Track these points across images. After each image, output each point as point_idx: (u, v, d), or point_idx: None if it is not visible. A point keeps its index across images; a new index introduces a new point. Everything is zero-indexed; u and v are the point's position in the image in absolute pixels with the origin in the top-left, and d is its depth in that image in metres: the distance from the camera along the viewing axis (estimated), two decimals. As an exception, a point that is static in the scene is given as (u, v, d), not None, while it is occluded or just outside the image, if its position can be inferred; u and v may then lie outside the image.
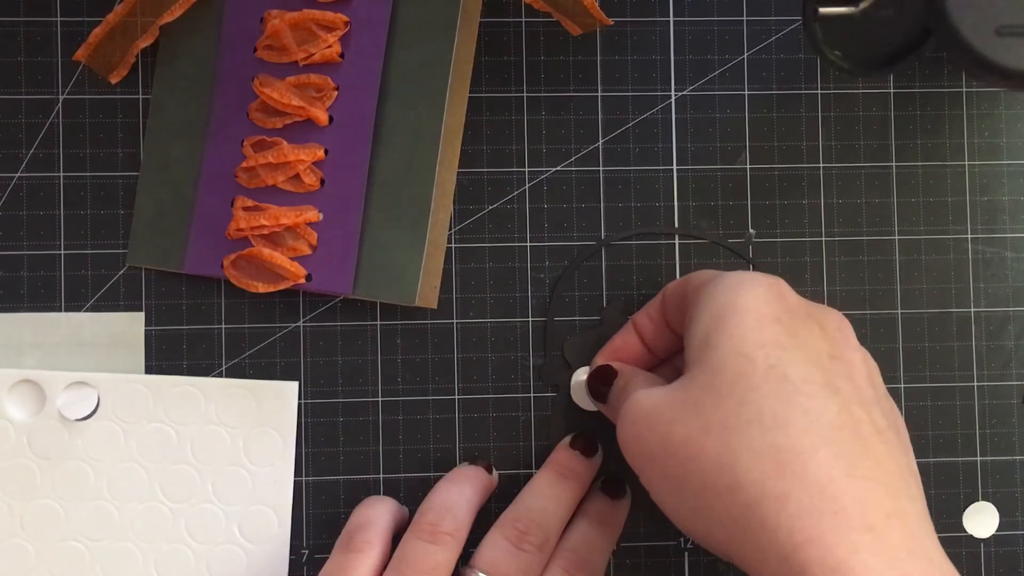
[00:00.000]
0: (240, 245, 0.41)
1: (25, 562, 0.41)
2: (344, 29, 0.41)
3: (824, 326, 0.36)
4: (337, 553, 0.38)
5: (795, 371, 0.33)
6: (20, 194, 0.42)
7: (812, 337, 0.35)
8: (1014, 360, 0.44)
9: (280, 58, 0.41)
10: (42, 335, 0.42)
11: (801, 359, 0.34)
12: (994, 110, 0.44)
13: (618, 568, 0.43)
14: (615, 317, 0.43)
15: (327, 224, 0.41)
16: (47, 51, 0.42)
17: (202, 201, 0.42)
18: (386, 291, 0.41)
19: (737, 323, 0.34)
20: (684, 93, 0.43)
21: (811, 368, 0.34)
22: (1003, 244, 0.44)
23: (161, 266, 0.42)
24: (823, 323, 0.36)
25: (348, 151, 0.41)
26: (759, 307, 0.35)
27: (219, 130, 0.42)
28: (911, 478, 0.34)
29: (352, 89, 0.41)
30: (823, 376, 0.34)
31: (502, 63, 0.43)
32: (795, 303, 0.36)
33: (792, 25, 0.43)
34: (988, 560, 0.43)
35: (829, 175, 0.44)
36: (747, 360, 0.34)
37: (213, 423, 0.41)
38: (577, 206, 0.43)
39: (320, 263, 0.41)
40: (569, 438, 0.42)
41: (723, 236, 0.43)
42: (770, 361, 0.34)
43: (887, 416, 0.35)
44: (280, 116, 0.41)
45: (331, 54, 0.41)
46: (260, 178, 0.41)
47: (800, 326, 0.35)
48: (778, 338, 0.34)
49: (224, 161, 0.42)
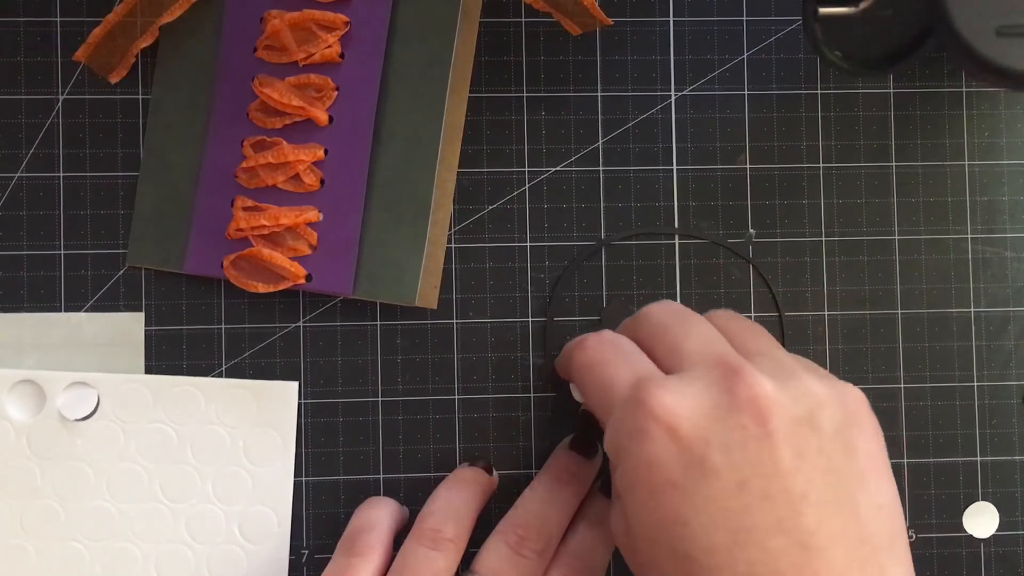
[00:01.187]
0: (240, 245, 0.41)
1: (25, 562, 0.41)
2: (344, 29, 0.41)
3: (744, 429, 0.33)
4: (339, 556, 0.38)
5: (697, 552, 0.32)
6: (20, 194, 0.42)
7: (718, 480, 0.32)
8: (1014, 360, 0.44)
9: (280, 58, 0.41)
10: (42, 335, 0.42)
11: (702, 532, 0.32)
12: (994, 110, 0.44)
13: (618, 568, 0.43)
14: (615, 317, 0.43)
15: (327, 224, 0.41)
16: (47, 51, 0.42)
17: (202, 201, 0.42)
18: (386, 291, 0.41)
19: (637, 500, 0.33)
20: (684, 93, 0.43)
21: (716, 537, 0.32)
22: (1003, 244, 0.44)
23: (161, 266, 0.42)
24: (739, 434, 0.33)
25: (348, 151, 0.41)
26: (650, 477, 0.33)
27: (219, 130, 0.42)
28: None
29: (352, 89, 0.41)
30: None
31: (502, 63, 0.43)
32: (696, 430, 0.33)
33: (792, 25, 0.43)
34: (988, 560, 0.43)
35: (829, 175, 0.44)
36: (653, 544, 0.33)
37: (213, 423, 0.41)
38: (577, 206, 0.43)
39: (320, 263, 0.41)
40: (568, 440, 0.42)
41: (723, 236, 0.43)
42: (673, 544, 0.32)
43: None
44: (280, 116, 0.41)
45: (331, 54, 0.41)
46: (260, 178, 0.41)
47: (702, 470, 0.33)
48: (678, 514, 0.32)
49: (224, 161, 0.42)
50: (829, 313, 0.43)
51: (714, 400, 0.33)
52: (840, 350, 0.43)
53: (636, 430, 0.33)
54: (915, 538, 0.43)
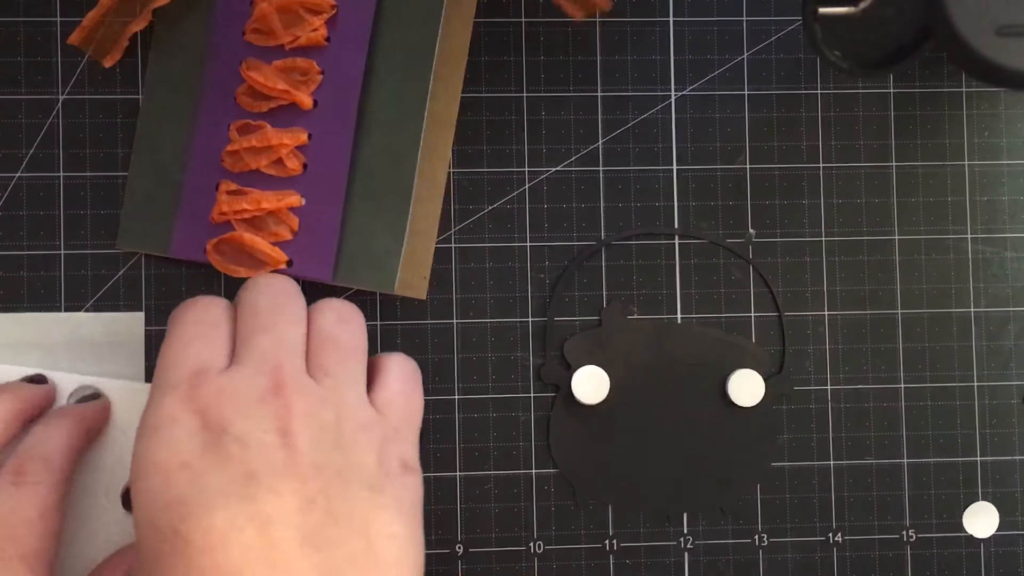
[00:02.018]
0: (224, 229, 0.41)
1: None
2: (331, 12, 0.41)
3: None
4: None
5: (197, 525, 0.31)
6: (20, 194, 0.42)
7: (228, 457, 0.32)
8: (1014, 360, 0.44)
9: (267, 41, 0.41)
10: (42, 335, 0.42)
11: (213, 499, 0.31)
12: (994, 110, 0.44)
13: (618, 568, 0.43)
14: (615, 317, 0.43)
15: (309, 209, 0.41)
16: (47, 51, 0.42)
17: (189, 184, 0.42)
18: (366, 278, 0.41)
19: (142, 490, 0.32)
20: (684, 93, 0.43)
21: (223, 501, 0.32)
22: (1003, 244, 0.44)
23: (150, 250, 0.42)
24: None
25: (331, 136, 0.41)
26: (161, 458, 0.32)
27: (208, 114, 0.42)
28: None
29: (337, 74, 0.41)
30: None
31: (502, 63, 0.43)
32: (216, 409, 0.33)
33: (792, 25, 0.43)
34: (988, 560, 0.43)
35: (829, 175, 0.44)
36: (155, 531, 0.32)
37: None
38: (577, 206, 0.43)
39: (301, 249, 0.41)
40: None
41: (723, 236, 0.43)
42: (173, 523, 0.31)
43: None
44: (266, 100, 0.41)
45: (317, 37, 0.41)
46: (244, 162, 0.41)
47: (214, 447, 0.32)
48: (183, 490, 0.32)
49: (212, 145, 0.41)
50: (829, 313, 0.43)
51: (249, 403, 0.33)
52: (840, 350, 0.43)
53: (165, 417, 0.33)
54: (915, 538, 0.43)
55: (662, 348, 0.43)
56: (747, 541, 0.43)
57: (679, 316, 0.43)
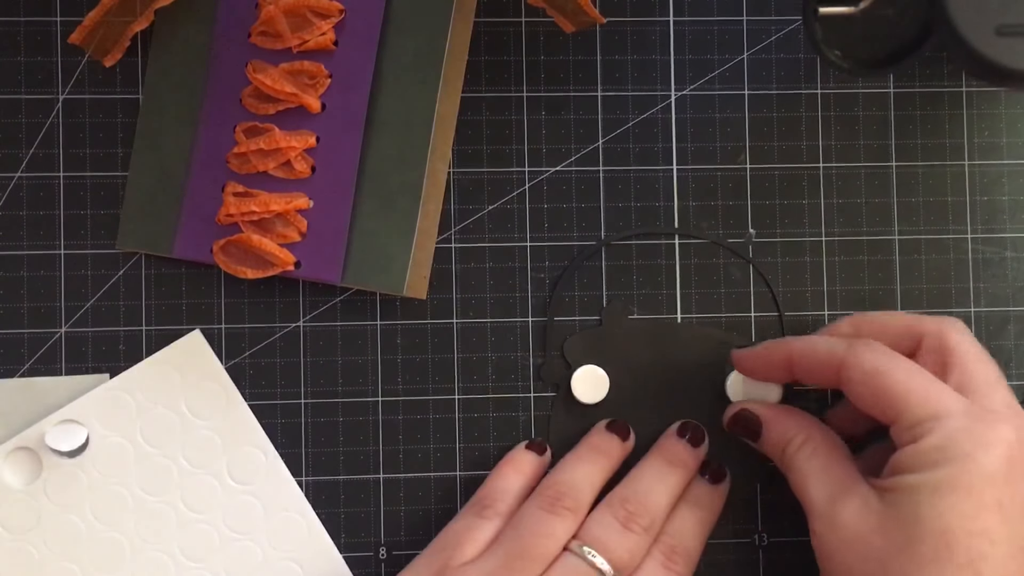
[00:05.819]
0: (230, 231, 0.41)
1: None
2: (338, 17, 0.41)
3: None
4: (467, 515, 0.40)
5: (991, 571, 0.34)
6: (20, 194, 0.42)
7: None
8: (1014, 360, 0.44)
9: (274, 44, 0.41)
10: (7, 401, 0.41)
11: (1004, 557, 0.34)
12: (994, 110, 0.44)
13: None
14: (615, 317, 0.43)
15: (317, 212, 0.41)
16: (47, 51, 0.42)
17: (193, 185, 0.42)
18: (374, 280, 0.41)
19: (953, 502, 0.35)
20: (684, 93, 0.43)
21: (1012, 565, 0.34)
22: (1003, 244, 0.44)
23: (151, 250, 0.42)
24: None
25: (340, 139, 0.41)
26: (983, 488, 0.35)
27: (212, 115, 0.42)
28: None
29: (345, 77, 0.41)
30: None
31: (501, 63, 0.43)
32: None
33: (792, 25, 0.44)
34: (988, 560, 0.43)
35: (829, 175, 0.44)
36: (947, 548, 0.34)
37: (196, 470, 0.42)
38: (577, 206, 0.43)
39: (309, 250, 0.41)
40: (677, 426, 0.42)
41: (723, 236, 0.43)
42: (971, 555, 0.34)
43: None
44: (272, 102, 0.41)
45: (325, 41, 0.41)
46: (251, 164, 0.41)
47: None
48: (989, 530, 0.34)
49: (216, 146, 0.41)
50: (829, 313, 0.43)
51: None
52: (840, 350, 0.43)
53: (985, 442, 0.35)
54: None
55: (662, 348, 0.43)
56: (747, 541, 0.43)
57: (679, 316, 0.43)
